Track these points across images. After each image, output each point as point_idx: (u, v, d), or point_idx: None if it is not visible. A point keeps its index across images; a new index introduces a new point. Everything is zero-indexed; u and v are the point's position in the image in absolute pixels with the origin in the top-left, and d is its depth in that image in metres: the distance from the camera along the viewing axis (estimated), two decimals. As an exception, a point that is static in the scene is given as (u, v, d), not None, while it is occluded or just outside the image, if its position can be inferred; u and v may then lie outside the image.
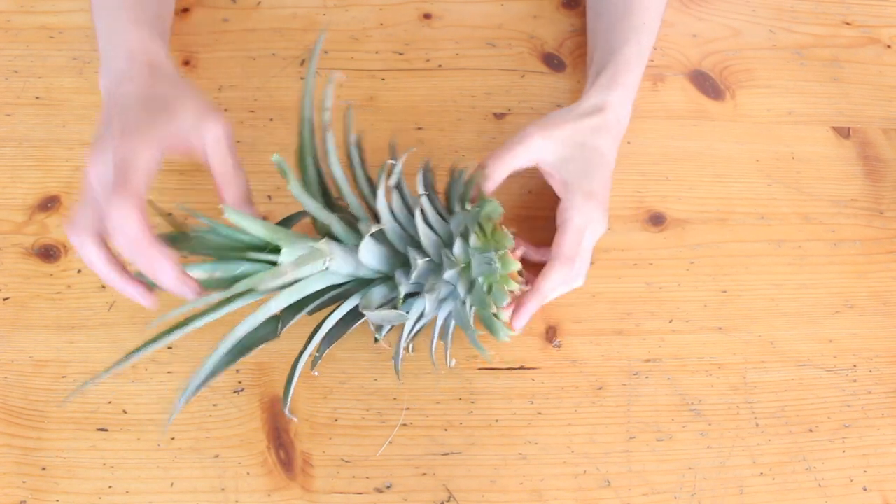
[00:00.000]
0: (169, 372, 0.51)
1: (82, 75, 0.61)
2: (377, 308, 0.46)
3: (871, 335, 0.56)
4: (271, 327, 0.47)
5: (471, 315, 0.47)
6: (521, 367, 0.53)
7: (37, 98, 0.60)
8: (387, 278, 0.48)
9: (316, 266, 0.44)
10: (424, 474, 0.49)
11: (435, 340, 0.49)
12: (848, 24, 0.70)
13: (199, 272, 0.44)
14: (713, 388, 0.53)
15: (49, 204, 0.56)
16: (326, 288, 0.47)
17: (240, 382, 0.51)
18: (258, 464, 0.49)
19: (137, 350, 0.43)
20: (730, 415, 0.52)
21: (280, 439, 0.50)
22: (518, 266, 0.48)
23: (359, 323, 0.48)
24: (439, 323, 0.49)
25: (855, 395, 0.54)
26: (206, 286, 0.45)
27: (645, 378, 0.53)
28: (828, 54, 0.68)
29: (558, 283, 0.50)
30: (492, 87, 0.63)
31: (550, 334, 0.54)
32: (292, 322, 0.47)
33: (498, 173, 0.51)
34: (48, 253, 0.54)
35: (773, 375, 0.54)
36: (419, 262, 0.46)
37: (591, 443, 0.51)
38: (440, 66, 0.64)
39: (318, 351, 0.48)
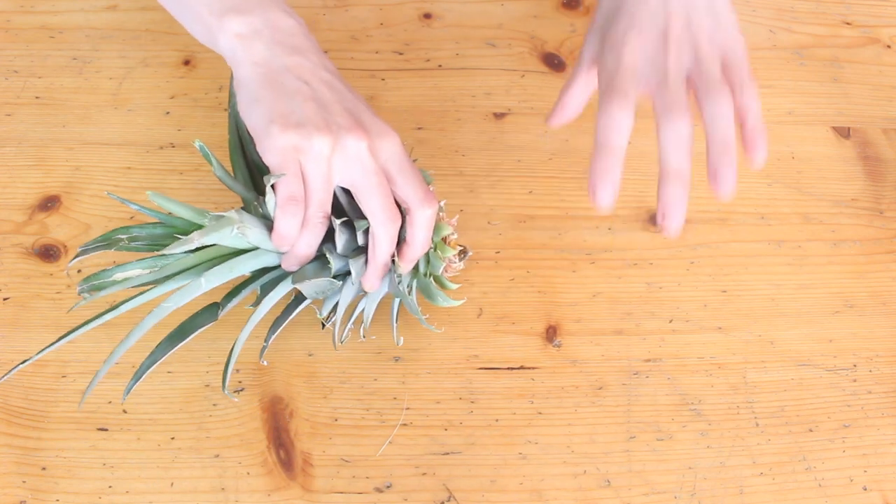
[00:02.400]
0: (169, 372, 0.51)
1: (82, 75, 0.61)
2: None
3: (871, 335, 0.56)
4: (212, 312, 0.48)
5: (405, 284, 0.48)
6: (521, 367, 0.53)
7: (37, 98, 0.60)
8: (320, 256, 0.48)
9: (224, 234, 0.45)
10: (424, 474, 0.49)
11: (361, 316, 0.50)
12: (848, 24, 0.70)
13: (139, 269, 0.46)
14: (713, 388, 0.53)
15: (49, 204, 0.56)
16: (261, 270, 0.48)
17: (240, 382, 0.51)
18: (258, 464, 0.49)
19: (75, 329, 0.45)
20: (730, 415, 0.52)
21: (280, 439, 0.50)
22: (450, 230, 0.48)
23: (302, 306, 0.49)
24: (377, 298, 0.50)
25: (855, 394, 0.54)
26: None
27: (645, 378, 0.53)
28: (828, 54, 0.68)
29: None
30: (492, 87, 0.63)
31: (550, 334, 0.54)
32: (231, 306, 0.48)
33: (570, 96, 0.49)
34: (48, 253, 0.54)
35: (773, 375, 0.54)
36: (338, 226, 0.46)
37: (591, 443, 0.51)
38: (440, 66, 0.64)
39: (265, 340, 0.49)
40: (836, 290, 0.58)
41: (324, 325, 0.51)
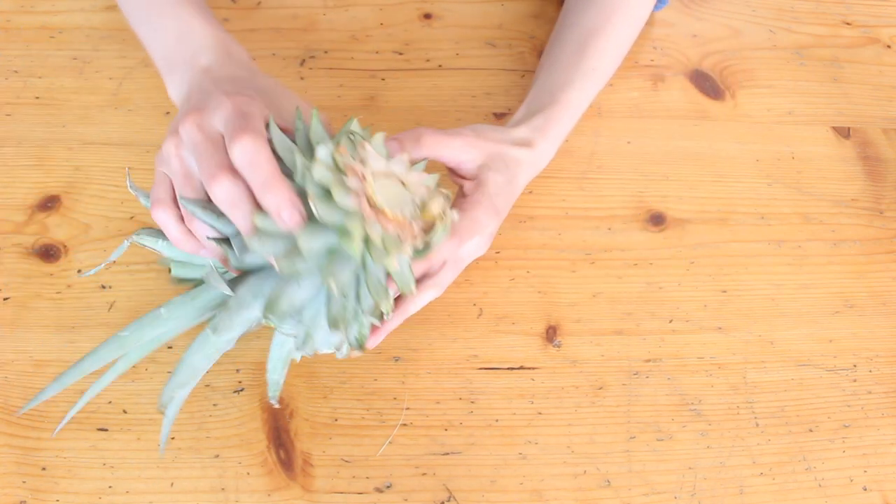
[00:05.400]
0: (169, 372, 0.51)
1: (82, 75, 0.61)
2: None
3: (871, 335, 0.56)
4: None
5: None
6: (521, 367, 0.53)
7: (37, 98, 0.60)
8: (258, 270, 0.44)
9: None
10: (424, 474, 0.49)
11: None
12: (848, 24, 0.70)
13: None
14: (713, 388, 0.53)
15: (49, 204, 0.56)
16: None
17: (240, 382, 0.51)
18: (258, 464, 0.49)
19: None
20: (730, 415, 0.52)
21: (280, 439, 0.50)
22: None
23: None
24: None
25: (855, 395, 0.54)
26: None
27: (645, 378, 0.53)
28: (828, 54, 0.68)
29: (443, 256, 0.47)
30: (492, 87, 0.63)
31: (550, 334, 0.54)
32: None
33: (425, 151, 0.49)
34: (48, 253, 0.54)
35: (773, 375, 0.54)
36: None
37: (591, 443, 0.51)
38: (440, 66, 0.64)
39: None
40: (836, 290, 0.58)
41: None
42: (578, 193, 0.59)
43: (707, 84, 0.65)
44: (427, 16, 0.66)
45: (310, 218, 0.41)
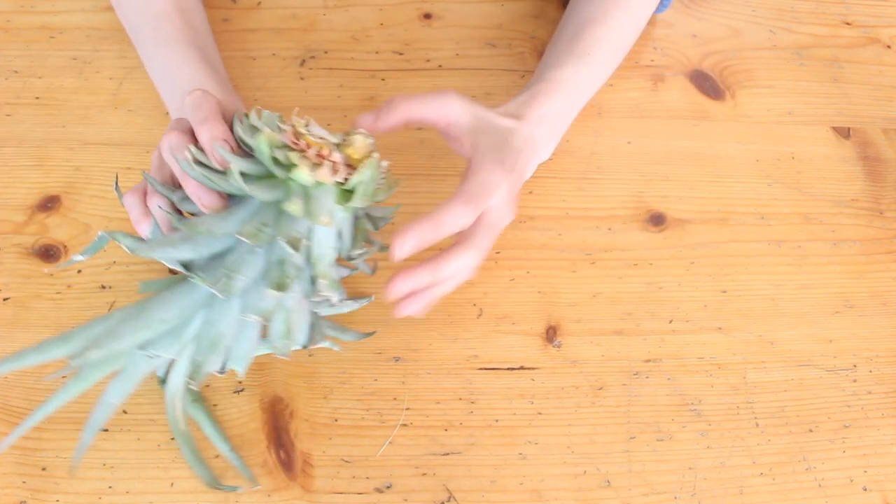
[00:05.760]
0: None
1: (82, 75, 0.61)
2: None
3: (871, 335, 0.56)
4: None
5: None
6: (521, 367, 0.53)
7: (37, 98, 0.60)
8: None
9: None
10: (424, 474, 0.49)
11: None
12: (848, 24, 0.70)
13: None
14: (713, 388, 0.53)
15: (49, 204, 0.56)
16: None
17: (240, 383, 0.51)
18: (258, 464, 0.49)
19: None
20: (730, 415, 0.52)
21: (280, 439, 0.50)
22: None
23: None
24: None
25: (855, 395, 0.54)
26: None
27: (645, 378, 0.53)
28: (828, 54, 0.68)
29: (456, 224, 0.45)
30: (492, 87, 0.63)
31: (550, 334, 0.54)
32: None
33: (401, 111, 0.47)
34: (48, 253, 0.54)
35: (773, 375, 0.54)
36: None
37: (591, 443, 0.51)
38: (440, 66, 0.64)
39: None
40: (836, 290, 0.58)
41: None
42: (578, 193, 0.59)
43: (707, 84, 0.65)
44: (427, 16, 0.66)
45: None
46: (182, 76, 0.53)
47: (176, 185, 0.47)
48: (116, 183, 0.50)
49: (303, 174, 0.42)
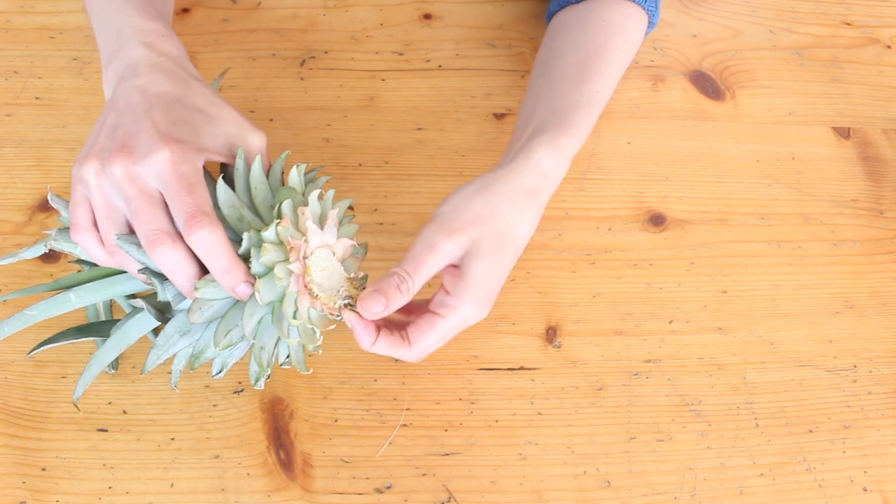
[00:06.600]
0: (169, 372, 0.51)
1: (82, 75, 0.61)
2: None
3: (871, 335, 0.56)
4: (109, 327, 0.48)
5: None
6: (521, 368, 0.53)
7: (37, 98, 0.60)
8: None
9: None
10: (424, 475, 0.49)
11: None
12: (848, 24, 0.70)
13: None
14: (713, 389, 0.53)
15: (49, 204, 0.56)
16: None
17: (240, 383, 0.51)
18: (258, 464, 0.49)
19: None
20: (730, 415, 0.52)
21: (280, 440, 0.50)
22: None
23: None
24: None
25: (855, 395, 0.54)
26: None
27: (645, 378, 0.53)
28: (828, 54, 0.68)
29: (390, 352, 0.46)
30: (492, 88, 0.63)
31: (550, 334, 0.54)
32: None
33: (419, 282, 0.46)
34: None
35: (773, 376, 0.54)
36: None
37: (591, 443, 0.51)
38: (440, 66, 0.64)
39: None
40: (836, 290, 0.58)
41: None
42: (578, 194, 0.59)
43: (707, 84, 0.65)
44: (427, 16, 0.66)
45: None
46: (111, 23, 0.49)
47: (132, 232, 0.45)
48: (51, 195, 0.48)
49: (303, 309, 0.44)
